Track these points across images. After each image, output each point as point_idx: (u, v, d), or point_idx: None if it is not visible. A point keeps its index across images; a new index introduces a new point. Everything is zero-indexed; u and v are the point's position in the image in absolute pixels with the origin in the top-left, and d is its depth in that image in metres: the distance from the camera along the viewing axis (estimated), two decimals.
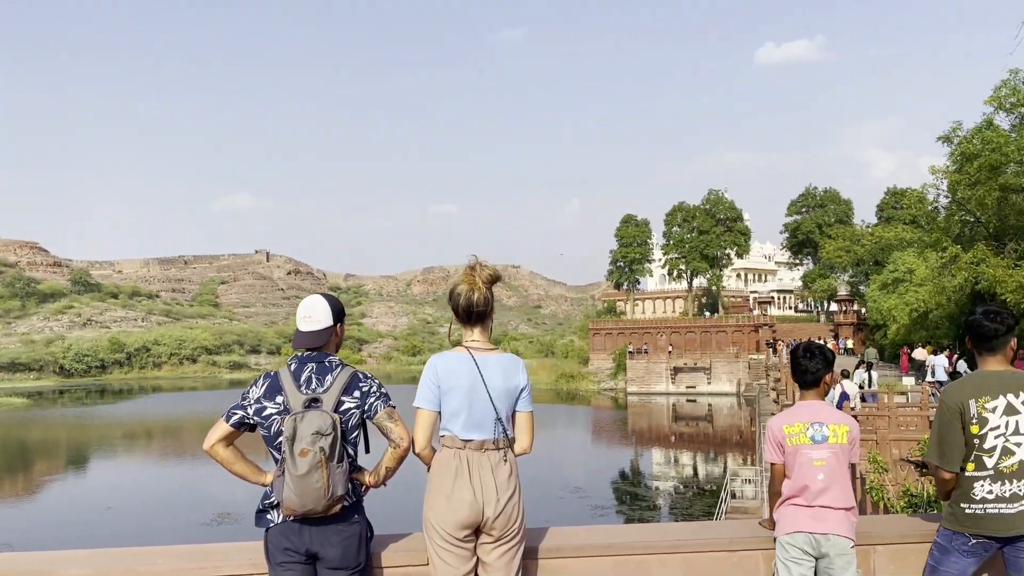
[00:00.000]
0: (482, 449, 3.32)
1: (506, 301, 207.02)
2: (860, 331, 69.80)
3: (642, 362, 75.28)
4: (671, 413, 63.47)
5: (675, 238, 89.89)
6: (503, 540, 3.31)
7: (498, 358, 3.41)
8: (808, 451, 3.69)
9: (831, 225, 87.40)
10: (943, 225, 38.81)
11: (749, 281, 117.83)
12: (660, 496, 32.20)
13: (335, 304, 3.48)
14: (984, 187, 32.61)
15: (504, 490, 3.29)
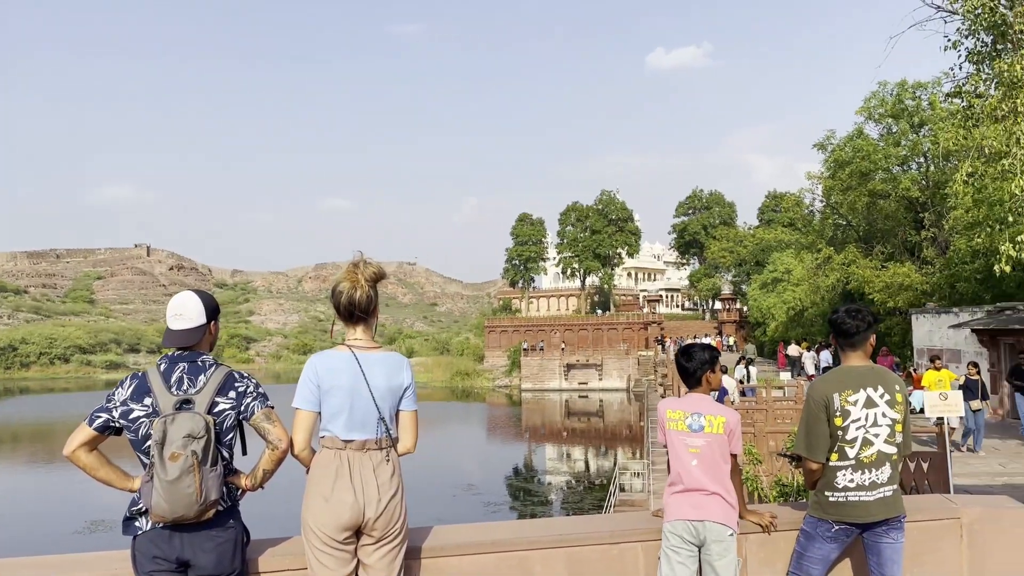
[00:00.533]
0: (364, 449, 3.27)
1: (401, 299, 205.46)
2: (742, 328, 72.66)
3: (536, 359, 76.16)
4: (564, 409, 64.40)
5: (569, 237, 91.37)
6: (384, 541, 3.28)
7: (381, 356, 3.36)
8: (684, 438, 3.84)
9: (716, 227, 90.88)
10: (818, 228, 40.85)
11: (639, 280, 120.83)
12: (552, 491, 32.63)
13: (208, 301, 3.36)
14: (855, 192, 34.54)
15: (386, 490, 3.26)
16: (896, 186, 33.68)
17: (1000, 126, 13.96)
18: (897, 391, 3.83)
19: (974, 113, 15.69)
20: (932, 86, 31.96)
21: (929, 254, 31.92)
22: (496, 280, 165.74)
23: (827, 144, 37.23)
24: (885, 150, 33.94)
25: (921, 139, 33.43)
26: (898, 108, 33.81)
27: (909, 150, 34.02)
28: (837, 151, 35.78)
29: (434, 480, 29.96)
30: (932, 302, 27.20)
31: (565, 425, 56.00)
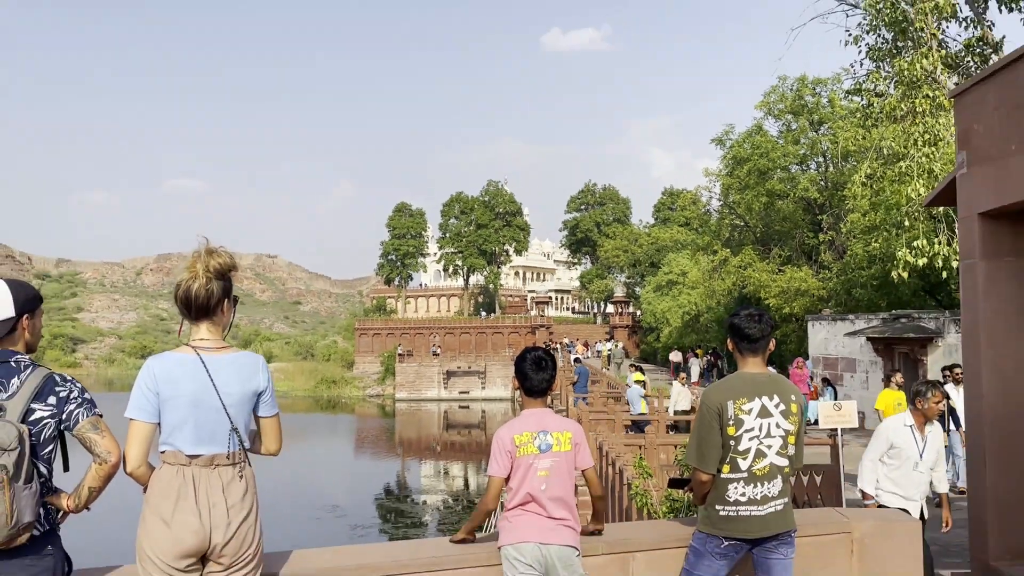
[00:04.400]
0: (212, 465, 3.15)
1: (259, 295, 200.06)
2: (635, 334, 74.54)
3: (413, 365, 75.72)
4: (443, 421, 64.34)
5: (452, 231, 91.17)
6: (235, 568, 3.17)
7: (232, 358, 3.25)
8: (535, 461, 3.84)
9: (610, 224, 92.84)
10: (715, 228, 42.34)
11: (527, 280, 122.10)
12: (427, 512, 32.55)
13: (20, 291, 3.16)
14: (752, 192, 36.01)
15: (237, 512, 3.15)
16: (794, 186, 35.33)
17: (899, 126, 14.85)
18: (793, 401, 4.00)
19: (873, 112, 16.65)
20: (832, 82, 33.69)
21: (826, 258, 33.63)
22: (369, 277, 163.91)
23: (725, 139, 38.70)
24: (784, 148, 35.58)
25: (820, 137, 35.20)
26: (797, 104, 35.48)
27: (808, 148, 35.79)
28: (735, 147, 37.23)
29: (294, 501, 29.36)
30: (828, 308, 28.67)
31: (443, 438, 55.95)
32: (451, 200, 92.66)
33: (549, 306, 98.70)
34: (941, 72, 14.33)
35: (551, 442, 3.89)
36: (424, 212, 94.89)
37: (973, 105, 6.80)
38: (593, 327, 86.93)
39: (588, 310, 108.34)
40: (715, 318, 42.80)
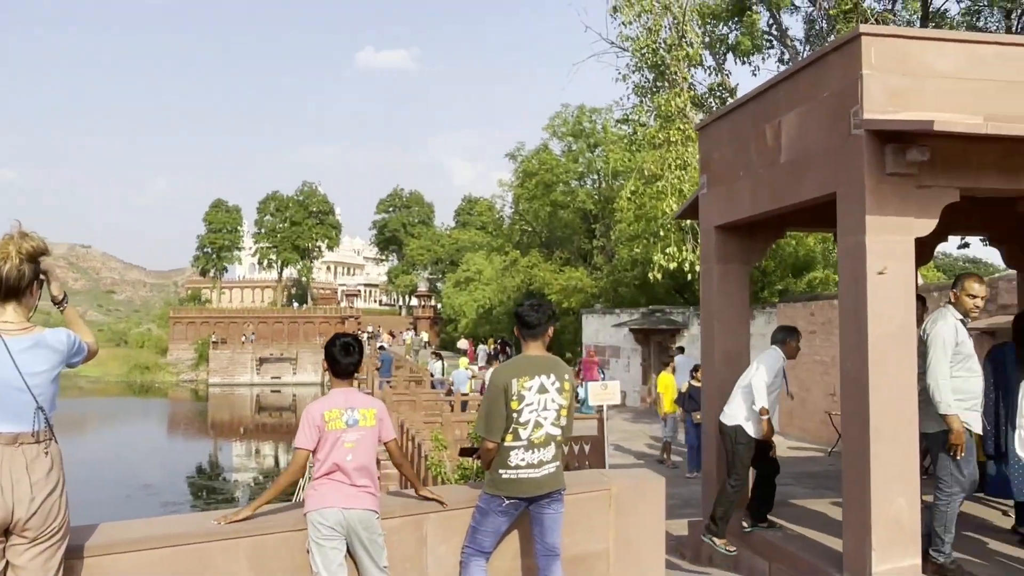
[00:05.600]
0: (16, 443, 2.91)
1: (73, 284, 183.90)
2: (436, 324, 74.89)
3: (226, 352, 72.22)
4: (255, 404, 61.84)
5: (268, 227, 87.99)
6: (39, 540, 2.95)
7: (36, 338, 3.00)
8: (342, 434, 3.85)
9: (415, 225, 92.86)
10: (507, 232, 43.38)
11: (339, 274, 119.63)
12: (239, 488, 31.23)
13: None
14: (539, 202, 37.25)
15: (41, 488, 2.93)
16: (574, 198, 36.86)
17: (657, 152, 15.84)
18: (566, 379, 4.23)
19: (637, 139, 17.67)
20: (605, 112, 35.38)
21: (599, 261, 35.33)
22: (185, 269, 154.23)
23: (517, 155, 39.75)
24: (566, 165, 37.05)
25: (596, 158, 36.92)
26: (577, 129, 37.08)
27: (586, 167, 37.46)
28: (525, 162, 38.34)
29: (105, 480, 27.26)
30: (599, 303, 30.11)
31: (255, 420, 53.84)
32: (267, 198, 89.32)
33: (358, 298, 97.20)
34: (690, 109, 15.45)
35: (357, 417, 3.90)
36: (240, 209, 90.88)
37: (712, 137, 7.41)
38: (399, 318, 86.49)
39: (394, 303, 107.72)
40: (506, 311, 43.81)
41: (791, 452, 14.25)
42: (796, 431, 15.82)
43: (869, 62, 5.16)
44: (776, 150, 6.18)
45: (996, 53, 5.44)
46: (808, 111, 5.77)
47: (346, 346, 4.00)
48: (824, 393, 14.59)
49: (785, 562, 5.96)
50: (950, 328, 5.24)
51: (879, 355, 5.01)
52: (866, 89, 5.13)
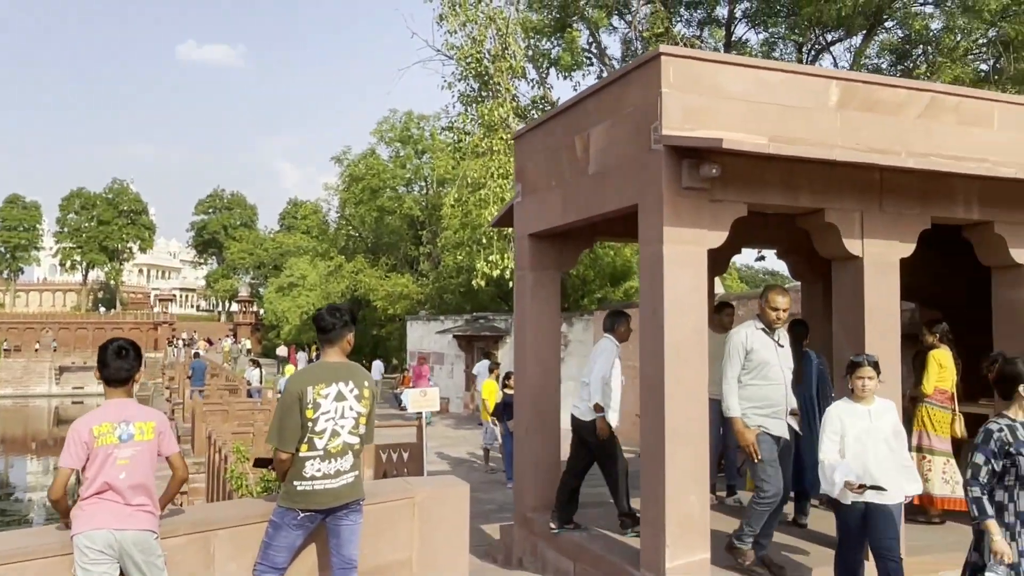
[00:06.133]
0: None
1: None
2: (258, 331, 71.99)
3: (20, 361, 65.86)
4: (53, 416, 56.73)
5: (71, 226, 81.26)
6: None
7: None
8: (114, 451, 3.54)
9: (237, 228, 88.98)
10: (332, 237, 42.42)
11: (152, 277, 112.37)
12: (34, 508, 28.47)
13: None
14: (366, 207, 36.71)
15: None
16: (401, 204, 36.59)
17: (480, 161, 15.99)
18: (366, 387, 4.09)
19: (462, 147, 17.76)
20: (433, 119, 35.43)
21: (425, 267, 35.25)
22: None
23: (343, 159, 38.98)
24: (393, 171, 36.76)
25: (423, 165, 36.87)
26: (405, 135, 36.90)
27: (413, 173, 37.32)
28: (352, 166, 37.67)
29: None
30: (425, 310, 30.01)
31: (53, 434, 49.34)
32: (71, 195, 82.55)
33: (174, 303, 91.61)
34: (513, 120, 15.74)
35: (133, 432, 3.58)
36: (40, 205, 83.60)
37: (527, 147, 7.52)
38: (218, 324, 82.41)
39: (213, 308, 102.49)
40: None
41: None
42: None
43: (668, 81, 5.39)
44: (585, 162, 6.34)
45: (781, 80, 5.85)
46: (614, 125, 5.97)
47: (120, 349, 3.66)
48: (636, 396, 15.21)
49: (589, 562, 6.11)
50: (741, 337, 5.48)
51: (674, 359, 5.23)
52: (665, 107, 5.36)
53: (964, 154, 6.25)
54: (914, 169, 5.83)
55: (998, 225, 6.45)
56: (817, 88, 5.93)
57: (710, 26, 19.66)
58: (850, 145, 5.88)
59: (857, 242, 5.94)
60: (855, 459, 4.69)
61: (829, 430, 4.81)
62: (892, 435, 4.78)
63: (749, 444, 5.29)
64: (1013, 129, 6.55)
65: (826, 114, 5.90)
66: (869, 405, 4.82)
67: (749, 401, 5.37)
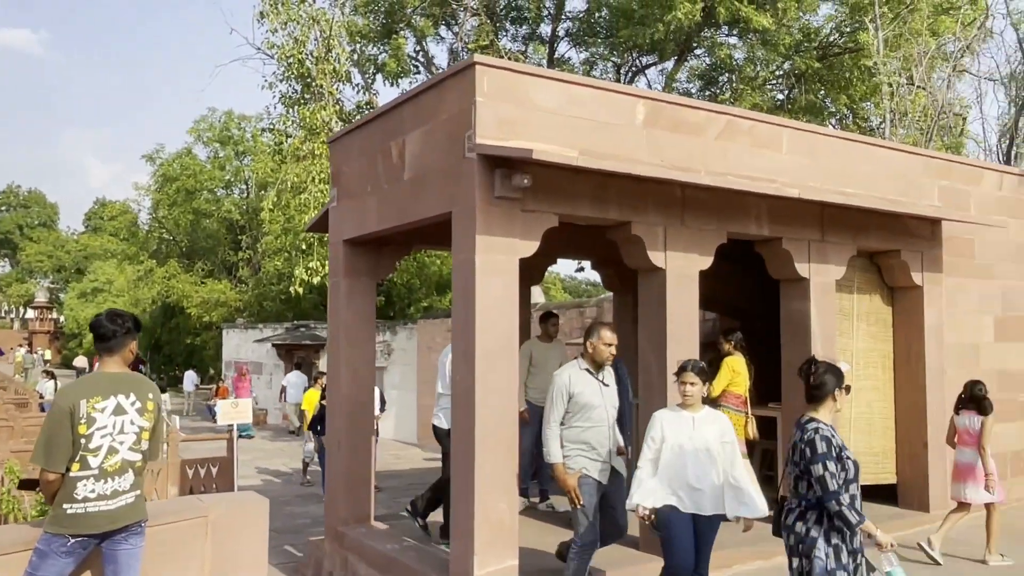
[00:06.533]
0: None
1: None
2: (57, 340, 66.16)
3: None
4: None
5: None
6: None
7: None
8: None
9: (34, 228, 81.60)
10: (143, 240, 39.74)
11: None
12: None
13: None
14: (180, 209, 34.65)
15: None
16: (219, 207, 34.83)
17: (302, 165, 15.51)
18: (150, 399, 3.78)
19: (283, 150, 17.16)
20: (255, 120, 34.03)
21: (244, 274, 33.72)
22: None
23: (156, 157, 36.62)
24: (211, 172, 34.93)
25: (243, 167, 35.30)
26: (224, 135, 35.18)
27: (233, 175, 35.62)
28: (166, 166, 35.48)
29: None
30: (243, 318, 28.69)
31: None
32: None
33: None
34: (336, 123, 15.38)
35: None
36: None
37: (343, 150, 7.33)
38: (10, 332, 74.88)
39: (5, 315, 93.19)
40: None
41: (427, 463, 14.68)
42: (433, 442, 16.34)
43: (482, 90, 5.42)
44: (401, 168, 6.25)
45: (592, 96, 6.03)
46: (429, 132, 5.92)
47: None
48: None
49: (399, 574, 5.99)
50: (564, 380, 5.13)
51: (485, 367, 5.24)
52: (479, 116, 5.37)
53: (756, 174, 6.72)
54: (712, 186, 6.18)
55: (785, 241, 6.98)
56: (625, 106, 6.17)
57: (534, 42, 20.17)
58: (655, 162, 6.16)
59: (661, 254, 6.22)
60: (669, 468, 4.54)
61: (648, 436, 4.67)
62: (718, 445, 4.59)
63: (571, 490, 4.95)
64: (799, 153, 7.12)
65: (633, 131, 6.15)
66: (695, 412, 4.68)
67: (573, 443, 5.07)
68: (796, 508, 3.90)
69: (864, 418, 7.81)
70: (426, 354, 17.31)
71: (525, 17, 19.30)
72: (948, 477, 7.91)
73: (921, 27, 14.49)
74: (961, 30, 15.13)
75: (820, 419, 3.90)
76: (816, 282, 7.13)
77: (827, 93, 18.05)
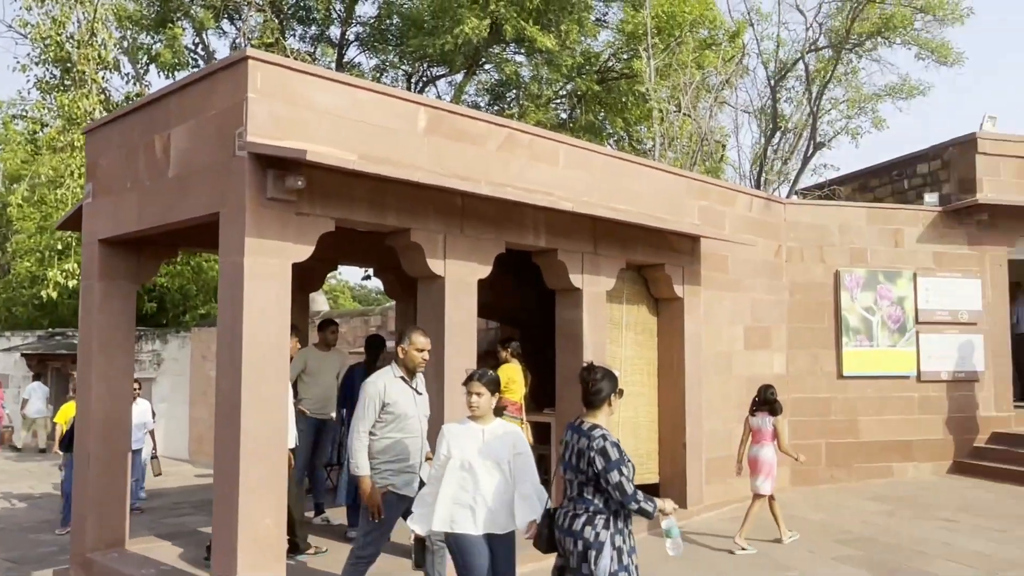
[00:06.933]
0: None
1: None
2: None
3: None
4: None
5: None
6: None
7: None
8: None
9: None
10: None
11: None
12: None
13: None
14: None
15: None
16: None
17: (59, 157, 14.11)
18: None
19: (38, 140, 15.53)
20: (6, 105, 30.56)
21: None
22: None
23: None
24: None
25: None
26: None
27: None
28: None
29: None
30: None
31: None
32: None
33: None
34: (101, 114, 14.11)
35: None
36: None
37: (101, 142, 6.73)
38: None
39: None
40: None
41: (199, 480, 13.83)
42: (205, 457, 15.41)
43: (255, 86, 5.18)
44: (166, 163, 5.83)
45: (373, 99, 5.95)
46: (197, 127, 5.57)
47: None
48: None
49: None
50: (379, 387, 4.92)
51: (253, 375, 4.99)
52: (251, 112, 5.13)
53: (534, 187, 6.94)
54: (491, 197, 6.30)
55: (560, 253, 7.26)
56: (407, 112, 6.15)
57: (323, 44, 19.71)
58: (436, 169, 6.19)
59: (440, 262, 6.25)
60: (458, 486, 4.25)
61: (437, 452, 4.39)
62: (510, 458, 4.31)
63: (375, 505, 4.80)
64: (575, 168, 7.45)
65: (415, 138, 6.15)
66: (485, 424, 4.36)
67: (383, 456, 4.86)
68: (583, 513, 3.91)
69: (631, 422, 8.28)
70: (200, 364, 16.31)
71: (314, 18, 18.81)
72: (703, 475, 8.60)
73: (688, 59, 15.73)
74: (722, 65, 16.62)
75: (601, 424, 3.98)
76: (589, 292, 7.48)
77: (606, 115, 19.11)
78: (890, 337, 10.45)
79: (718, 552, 7.09)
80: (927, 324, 10.57)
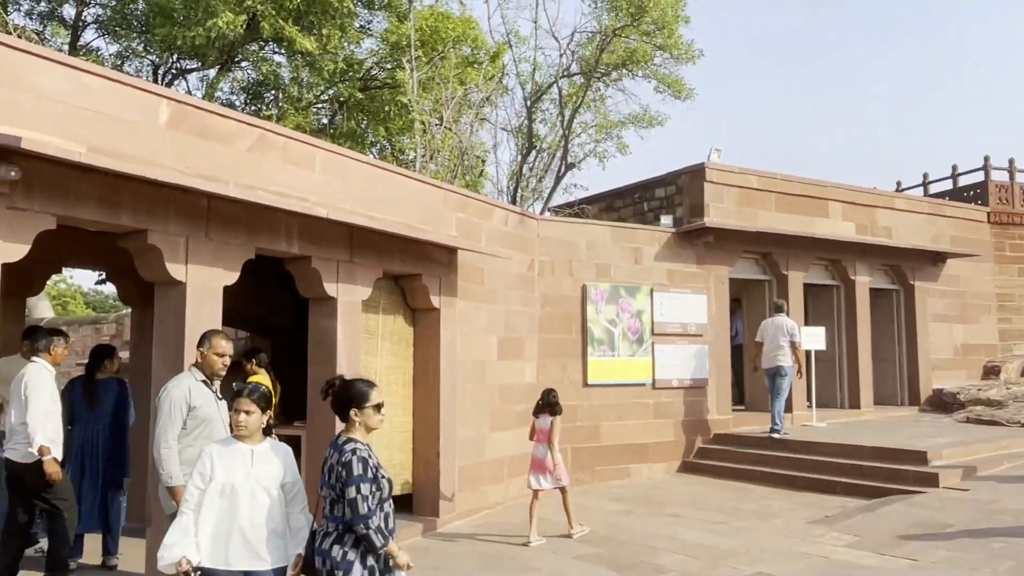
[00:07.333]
0: None
1: None
2: None
3: None
4: None
5: None
6: None
7: None
8: None
9: None
10: None
11: None
12: None
13: None
14: None
15: None
16: None
17: None
18: None
19: None
20: None
21: None
22: None
23: None
24: None
25: None
26: None
27: None
28: None
29: None
30: None
31: None
32: None
33: None
34: None
35: None
36: None
37: None
38: None
39: None
40: None
41: None
42: None
43: None
44: None
45: (106, 87, 5.45)
46: None
47: None
48: None
49: None
50: (183, 391, 4.72)
51: None
52: None
53: (288, 191, 6.71)
54: (240, 199, 5.99)
55: (315, 260, 7.07)
56: (147, 104, 5.70)
57: (53, 24, 17.79)
58: (179, 167, 5.79)
59: (181, 267, 5.85)
60: (219, 513, 3.78)
61: (195, 473, 3.84)
62: (278, 485, 3.91)
63: None
64: (332, 174, 7.29)
65: (155, 132, 5.72)
66: (253, 445, 3.92)
67: (190, 465, 4.30)
68: (333, 532, 3.75)
69: (385, 432, 8.22)
70: None
71: None
72: (457, 483, 8.74)
73: (450, 75, 16.02)
74: (483, 83, 17.11)
75: (357, 438, 3.84)
76: (343, 301, 7.34)
77: (368, 123, 18.95)
78: (630, 347, 11.29)
79: (464, 556, 7.24)
80: (661, 336, 11.55)
